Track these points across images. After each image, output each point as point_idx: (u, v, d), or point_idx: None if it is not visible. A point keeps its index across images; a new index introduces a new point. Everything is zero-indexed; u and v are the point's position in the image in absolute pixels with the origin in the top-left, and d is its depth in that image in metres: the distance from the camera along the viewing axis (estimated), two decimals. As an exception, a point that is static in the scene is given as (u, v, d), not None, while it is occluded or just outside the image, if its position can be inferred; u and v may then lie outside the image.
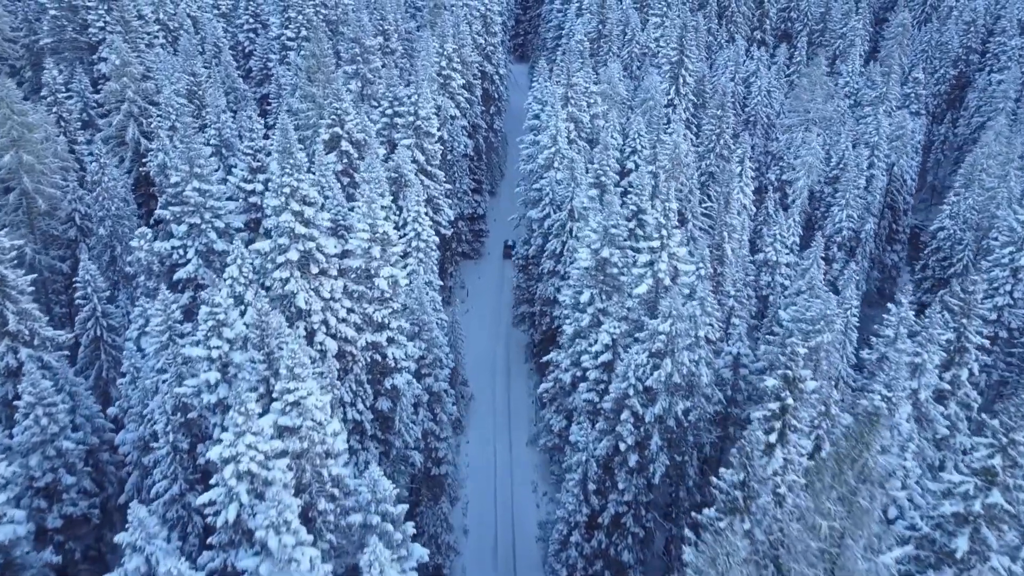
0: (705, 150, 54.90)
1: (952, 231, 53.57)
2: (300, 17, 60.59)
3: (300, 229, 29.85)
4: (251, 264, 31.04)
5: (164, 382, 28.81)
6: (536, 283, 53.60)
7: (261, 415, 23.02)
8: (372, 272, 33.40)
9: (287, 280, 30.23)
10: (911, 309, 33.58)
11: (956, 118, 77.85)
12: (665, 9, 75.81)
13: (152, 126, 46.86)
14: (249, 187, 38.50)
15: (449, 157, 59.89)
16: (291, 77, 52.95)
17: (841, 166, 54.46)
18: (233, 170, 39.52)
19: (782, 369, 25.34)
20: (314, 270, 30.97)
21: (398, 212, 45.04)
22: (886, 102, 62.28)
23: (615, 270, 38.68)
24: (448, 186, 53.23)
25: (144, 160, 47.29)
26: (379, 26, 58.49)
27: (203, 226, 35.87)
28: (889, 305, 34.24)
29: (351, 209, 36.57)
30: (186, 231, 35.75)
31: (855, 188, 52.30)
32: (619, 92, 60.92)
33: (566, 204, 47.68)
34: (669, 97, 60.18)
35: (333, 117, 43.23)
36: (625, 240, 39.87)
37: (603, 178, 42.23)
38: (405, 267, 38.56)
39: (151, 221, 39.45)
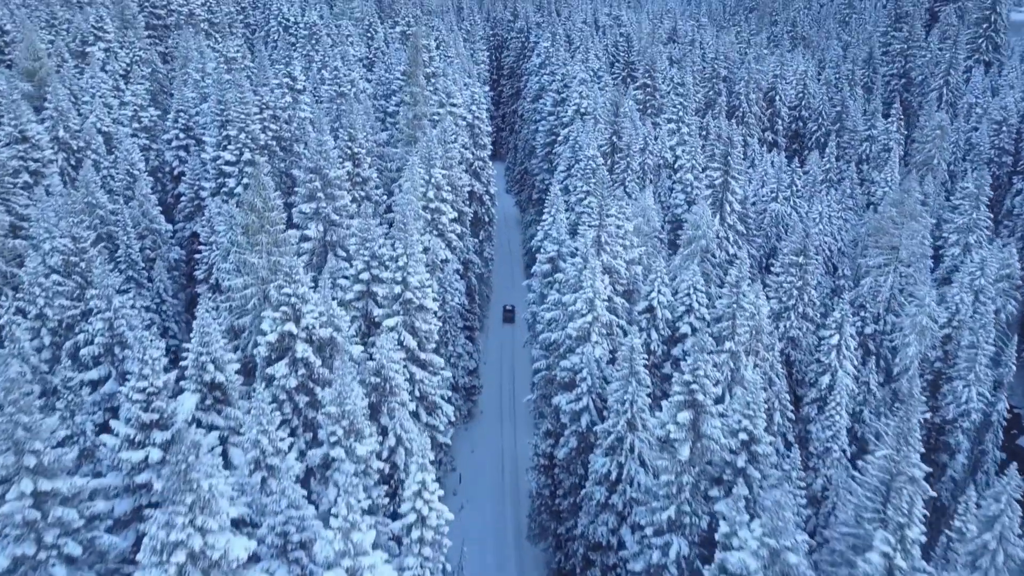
0: (781, 306, 40.79)
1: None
2: (242, 136, 45.30)
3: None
4: None
5: None
6: (565, 499, 37.88)
7: None
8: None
9: None
10: None
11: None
12: (680, 113, 63.03)
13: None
14: (135, 457, 22.08)
15: (441, 313, 44.52)
16: (225, 228, 37.15)
17: (955, 324, 40.78)
18: (113, 424, 23.09)
19: None
20: None
21: (381, 439, 29.11)
22: (976, 230, 49.46)
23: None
24: (446, 372, 37.53)
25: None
26: (346, 148, 43.52)
27: (41, 556, 19.22)
28: None
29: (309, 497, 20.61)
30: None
31: (985, 355, 38.62)
32: (655, 226, 46.84)
33: (623, 409, 32.28)
34: (716, 230, 46.17)
35: (284, 309, 27.47)
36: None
37: (698, 395, 27.25)
38: None
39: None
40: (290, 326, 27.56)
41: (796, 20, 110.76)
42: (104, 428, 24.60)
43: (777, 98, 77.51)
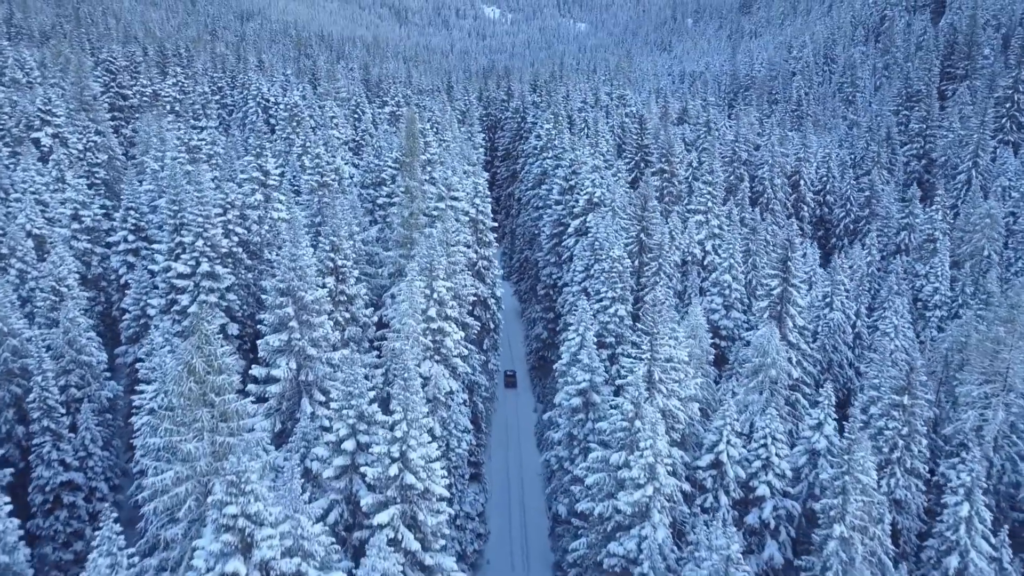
0: (882, 458, 31.58)
1: None
2: (200, 243, 36.11)
3: None
4: None
5: None
6: None
7: None
8: None
9: None
10: None
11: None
12: (708, 203, 55.06)
13: None
14: None
15: (445, 463, 34.78)
16: (157, 386, 27.40)
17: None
18: None
19: None
20: None
21: None
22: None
23: None
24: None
25: None
26: (328, 260, 34.41)
27: None
28: None
29: None
30: None
31: None
32: (706, 347, 37.91)
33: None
34: (787, 356, 37.10)
35: (228, 539, 17.69)
36: None
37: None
38: None
39: None
40: (236, 565, 17.74)
41: (801, 99, 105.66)
42: None
43: (802, 182, 70.30)
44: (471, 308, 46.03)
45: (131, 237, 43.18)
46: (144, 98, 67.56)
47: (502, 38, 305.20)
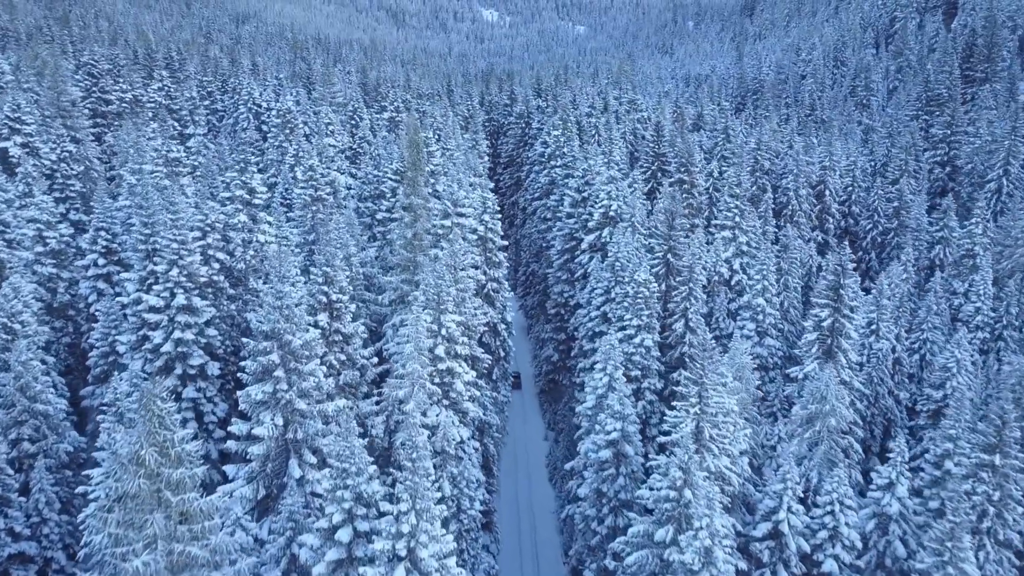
0: (971, 527, 26.88)
1: None
2: (174, 272, 31.20)
3: None
4: None
5: None
6: None
7: None
8: None
9: None
10: None
11: None
12: (736, 218, 50.29)
13: None
14: None
15: (456, 526, 29.98)
16: (107, 467, 22.52)
17: None
18: None
19: None
20: None
21: None
22: None
23: None
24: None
25: None
26: (320, 295, 29.48)
27: None
28: None
29: None
30: None
31: None
32: (752, 390, 33.13)
33: None
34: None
35: None
36: None
37: None
38: None
39: None
40: None
41: (814, 103, 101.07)
42: None
43: (827, 192, 65.58)
44: (480, 336, 41.30)
45: (101, 261, 38.26)
46: (124, 104, 62.49)
47: (500, 41, 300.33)
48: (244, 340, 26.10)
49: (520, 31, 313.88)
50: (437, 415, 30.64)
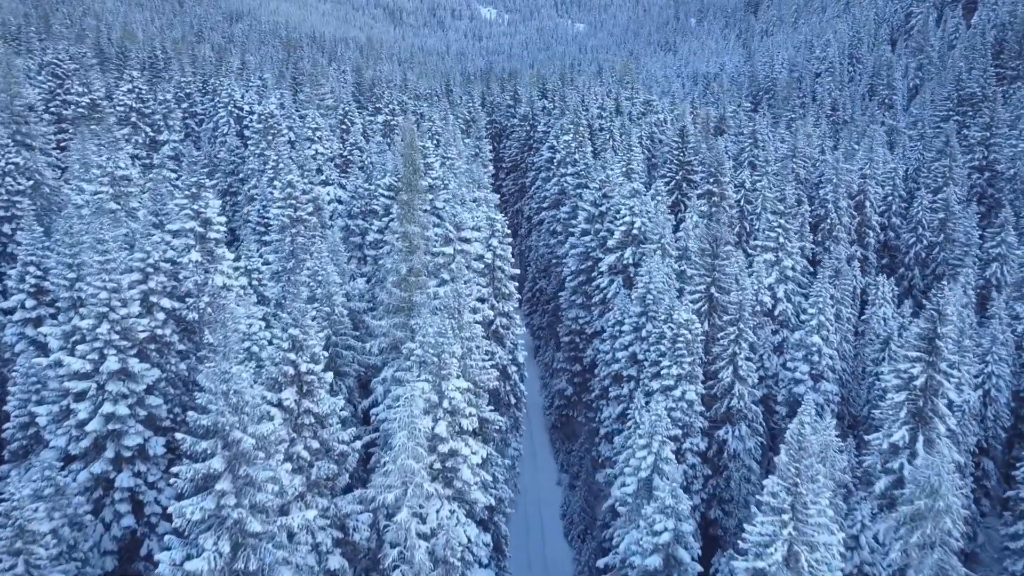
0: None
1: None
2: (104, 328, 23.98)
3: None
4: None
5: None
6: None
7: None
8: None
9: None
10: None
11: None
12: (779, 237, 43.17)
13: None
14: None
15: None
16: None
17: None
18: None
19: None
20: None
21: None
22: None
23: None
24: None
25: None
26: (286, 366, 22.20)
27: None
28: None
29: None
30: None
31: None
32: (839, 475, 25.97)
33: None
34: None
35: None
36: None
37: None
38: None
39: None
40: None
41: (835, 103, 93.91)
42: None
43: (867, 203, 58.47)
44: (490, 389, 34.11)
45: (30, 302, 31.00)
46: (80, 108, 55.13)
47: (499, 39, 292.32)
48: (190, 414, 18.92)
49: (519, 29, 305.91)
50: (438, 512, 23.53)
